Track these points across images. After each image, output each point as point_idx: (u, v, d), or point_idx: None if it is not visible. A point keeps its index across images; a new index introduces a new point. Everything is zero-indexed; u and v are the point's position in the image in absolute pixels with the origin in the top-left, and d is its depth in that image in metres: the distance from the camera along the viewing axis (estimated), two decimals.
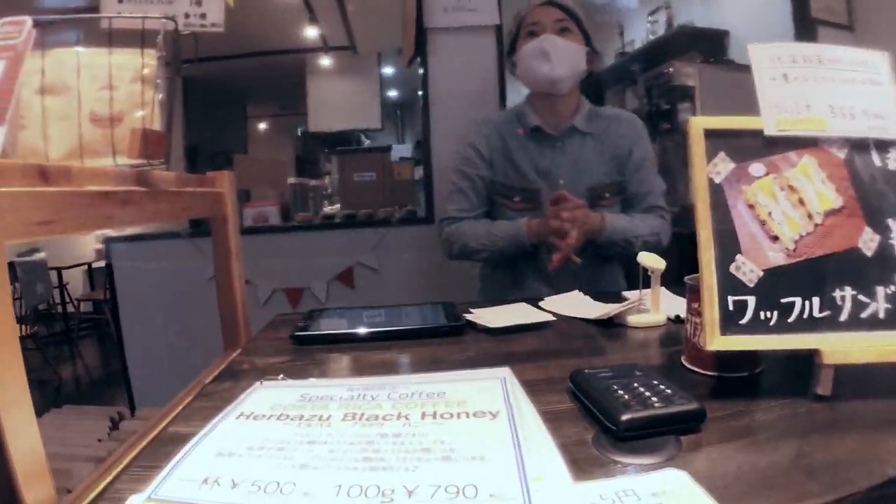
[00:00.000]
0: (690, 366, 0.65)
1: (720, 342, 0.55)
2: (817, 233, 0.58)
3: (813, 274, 0.57)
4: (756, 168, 0.59)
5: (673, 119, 2.47)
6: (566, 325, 0.89)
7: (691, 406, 0.49)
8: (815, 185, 0.59)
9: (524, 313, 0.94)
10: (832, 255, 0.57)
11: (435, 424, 0.49)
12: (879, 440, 0.46)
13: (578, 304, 0.98)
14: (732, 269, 0.57)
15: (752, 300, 0.56)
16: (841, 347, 0.54)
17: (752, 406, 0.54)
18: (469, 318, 0.89)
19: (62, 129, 0.71)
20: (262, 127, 5.68)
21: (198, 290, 2.05)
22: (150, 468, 0.46)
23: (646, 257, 0.84)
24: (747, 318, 0.56)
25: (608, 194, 1.33)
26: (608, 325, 0.86)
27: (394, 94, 5.49)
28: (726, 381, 0.61)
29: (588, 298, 1.02)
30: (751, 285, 0.56)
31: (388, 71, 4.92)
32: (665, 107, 2.53)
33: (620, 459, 0.44)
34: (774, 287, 0.56)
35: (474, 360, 0.74)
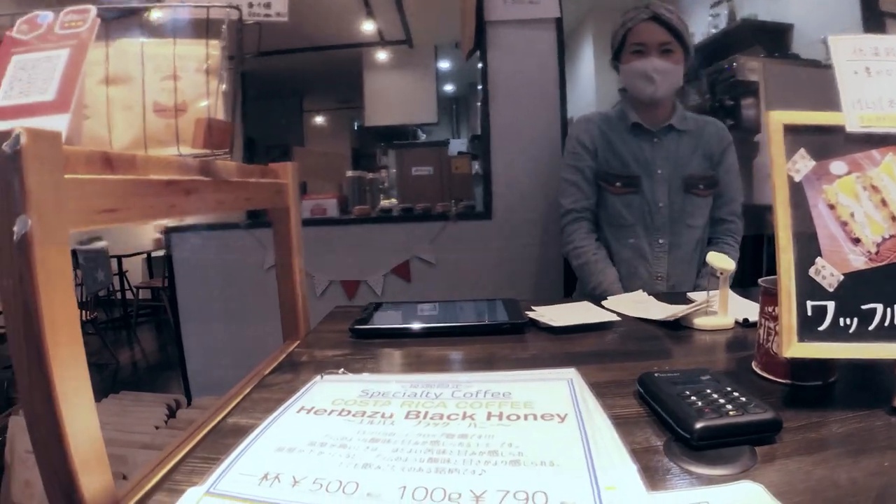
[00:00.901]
0: (762, 372, 0.62)
1: (797, 349, 0.53)
2: None
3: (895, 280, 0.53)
4: (837, 166, 0.56)
5: (737, 115, 2.36)
6: (630, 325, 0.87)
7: (767, 415, 0.46)
8: None
9: (588, 312, 0.91)
10: None
11: (501, 426, 0.48)
12: None
13: (643, 305, 0.95)
14: (812, 272, 0.54)
15: (831, 306, 0.53)
16: None
17: (828, 417, 0.51)
18: (531, 315, 0.87)
19: (126, 119, 0.71)
20: (319, 120, 5.79)
21: (256, 280, 2.10)
22: (208, 460, 0.45)
23: (715, 258, 0.83)
24: (826, 324, 0.53)
25: (702, 186, 1.42)
26: (673, 327, 0.83)
27: (449, 88, 5.48)
28: (800, 390, 0.58)
29: (652, 299, 1.00)
30: (830, 290, 0.53)
31: (444, 65, 4.92)
32: (728, 102, 2.42)
33: (694, 469, 0.42)
34: (855, 292, 0.53)
35: (537, 359, 0.72)
